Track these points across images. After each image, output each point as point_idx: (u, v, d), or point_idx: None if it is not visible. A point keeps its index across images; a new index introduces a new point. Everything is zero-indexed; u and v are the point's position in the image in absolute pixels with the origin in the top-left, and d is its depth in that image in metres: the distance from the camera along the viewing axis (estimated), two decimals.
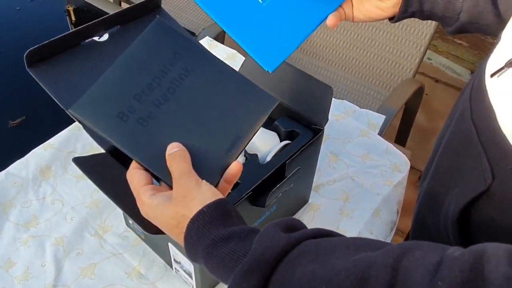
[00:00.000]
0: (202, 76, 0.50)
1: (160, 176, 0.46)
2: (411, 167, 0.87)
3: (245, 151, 0.66)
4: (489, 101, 0.45)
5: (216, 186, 0.46)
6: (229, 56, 1.07)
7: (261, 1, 0.54)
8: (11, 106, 0.93)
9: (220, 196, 0.43)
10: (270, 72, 0.53)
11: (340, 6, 0.57)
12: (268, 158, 0.65)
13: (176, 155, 0.45)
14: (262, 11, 0.54)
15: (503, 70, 0.43)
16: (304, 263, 0.37)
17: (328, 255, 0.36)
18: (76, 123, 0.89)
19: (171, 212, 0.42)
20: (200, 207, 0.41)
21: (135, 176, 0.46)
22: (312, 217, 0.77)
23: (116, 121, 0.47)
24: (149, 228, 0.49)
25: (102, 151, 0.60)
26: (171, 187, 0.45)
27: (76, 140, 0.85)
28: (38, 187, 0.79)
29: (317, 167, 0.76)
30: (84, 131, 0.62)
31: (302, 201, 0.78)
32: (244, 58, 0.77)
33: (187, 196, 0.42)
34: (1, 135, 0.88)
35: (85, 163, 0.58)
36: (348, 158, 0.86)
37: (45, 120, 0.91)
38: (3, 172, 0.79)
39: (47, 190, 0.79)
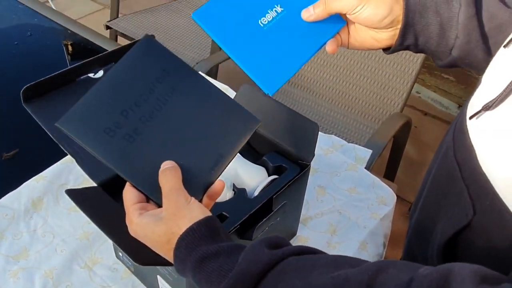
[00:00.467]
0: (188, 95, 0.52)
1: (146, 192, 0.48)
2: (401, 199, 0.90)
3: (234, 185, 0.68)
4: (470, 141, 0.48)
5: (199, 201, 0.48)
6: None
7: (262, 25, 0.56)
8: (5, 138, 0.94)
9: (209, 213, 0.45)
10: (270, 95, 0.56)
11: (338, 32, 0.60)
12: (256, 193, 0.66)
13: (167, 171, 0.47)
14: (263, 35, 0.55)
15: (480, 113, 0.46)
16: (286, 278, 0.39)
17: (309, 271, 0.39)
18: (68, 156, 0.91)
19: (161, 230, 0.44)
20: (189, 224, 0.43)
21: (127, 194, 0.48)
22: None
23: (103, 137, 0.48)
24: (139, 260, 0.50)
25: (94, 184, 0.62)
26: (159, 205, 0.47)
27: (68, 172, 0.87)
28: (29, 219, 0.80)
29: (305, 200, 0.78)
30: (76, 164, 0.64)
31: (290, 234, 0.80)
32: (235, 93, 0.80)
33: (177, 214, 0.44)
34: None
35: (77, 195, 0.59)
36: (335, 192, 0.88)
37: (38, 153, 0.92)
38: None
39: (38, 222, 0.79)
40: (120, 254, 0.73)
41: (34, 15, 1.29)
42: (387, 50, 0.61)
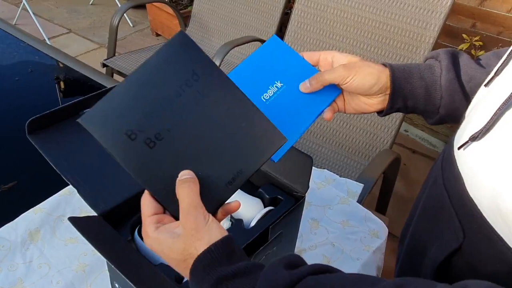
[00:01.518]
0: (216, 102, 0.49)
1: (165, 205, 0.46)
2: (391, 235, 0.91)
3: (231, 216, 0.69)
4: (458, 170, 0.52)
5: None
6: None
7: (264, 100, 0.62)
8: (4, 170, 0.95)
9: (226, 233, 0.46)
10: (275, 162, 0.59)
11: (334, 101, 0.66)
12: (253, 223, 0.68)
13: (186, 183, 0.46)
14: (265, 109, 0.56)
15: (467, 144, 0.50)
16: None
17: None
18: (67, 188, 0.92)
19: (178, 248, 0.44)
20: (207, 246, 0.43)
21: (145, 203, 0.47)
22: None
23: (124, 139, 0.45)
24: (139, 284, 0.51)
25: (94, 214, 0.63)
26: (176, 217, 0.46)
27: (66, 204, 0.88)
28: (25, 250, 0.80)
29: (299, 233, 0.80)
30: (73, 196, 0.65)
31: None
32: None
33: (195, 234, 0.44)
34: None
35: (80, 223, 0.60)
36: (328, 224, 0.90)
37: (36, 185, 0.93)
38: None
39: (35, 254, 0.80)
40: (116, 285, 0.74)
41: (35, 52, 1.33)
42: (380, 113, 0.68)
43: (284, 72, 0.64)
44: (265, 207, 0.72)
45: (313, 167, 0.95)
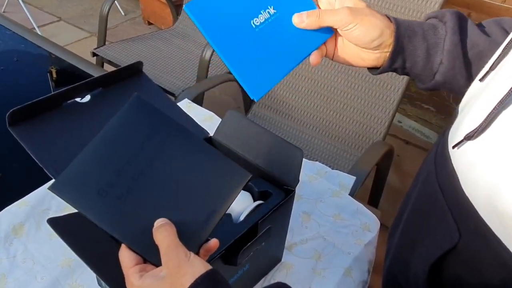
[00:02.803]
0: (178, 151, 0.53)
1: (143, 253, 0.47)
2: (384, 227, 0.90)
3: None
4: (452, 167, 0.50)
5: None
6: (207, 118, 1.11)
7: (254, 26, 0.55)
8: None
9: (209, 266, 0.45)
10: (256, 100, 0.56)
11: (324, 43, 0.60)
12: (242, 218, 0.67)
13: (162, 228, 0.47)
14: (254, 37, 0.55)
15: (462, 143, 0.48)
16: None
17: None
18: (52, 181, 0.90)
19: None
20: (192, 280, 0.43)
21: (124, 256, 0.47)
22: (285, 276, 0.78)
23: (96, 199, 0.48)
24: None
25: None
26: (157, 265, 0.46)
27: (51, 198, 0.86)
28: (9, 245, 0.78)
29: (290, 227, 0.78)
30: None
31: (275, 260, 0.79)
32: (220, 120, 0.81)
33: (179, 271, 0.44)
34: None
35: (59, 224, 0.59)
36: (320, 218, 0.89)
37: (20, 179, 0.91)
38: None
39: (19, 248, 0.78)
40: (103, 283, 0.72)
41: (21, 41, 1.29)
42: (373, 70, 0.63)
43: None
44: (254, 201, 0.70)
45: (305, 159, 0.93)
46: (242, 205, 0.69)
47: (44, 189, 0.87)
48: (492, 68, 0.50)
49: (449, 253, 0.51)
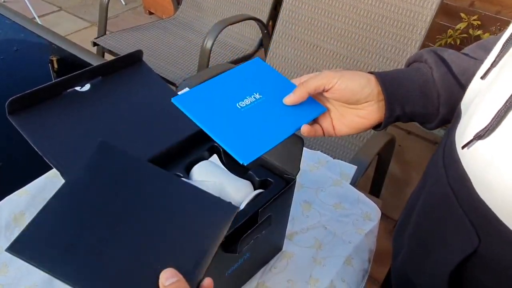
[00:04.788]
0: (156, 193, 0.49)
1: None
2: (385, 216, 0.90)
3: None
4: (463, 169, 0.48)
5: None
6: None
7: (239, 107, 0.58)
8: None
9: None
10: (245, 164, 0.53)
11: (318, 123, 0.62)
12: (242, 206, 0.66)
13: (175, 285, 0.43)
14: (240, 114, 0.57)
15: (472, 142, 0.46)
16: None
17: None
18: (53, 170, 0.90)
19: None
20: None
21: None
22: (285, 265, 0.78)
23: (64, 255, 0.42)
24: None
25: None
26: None
27: (52, 186, 0.85)
28: (10, 234, 0.78)
29: (290, 216, 0.78)
30: (61, 179, 0.63)
31: (276, 249, 0.79)
32: None
33: None
34: None
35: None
36: (321, 207, 0.88)
37: (21, 167, 0.91)
38: None
39: None
40: None
41: (21, 30, 1.29)
42: (378, 127, 0.62)
43: (264, 86, 0.61)
44: (255, 189, 0.70)
45: (305, 149, 0.93)
46: (242, 193, 0.68)
47: (44, 178, 0.87)
48: (493, 64, 0.48)
49: (470, 257, 0.49)
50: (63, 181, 0.62)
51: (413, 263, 0.63)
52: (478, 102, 0.49)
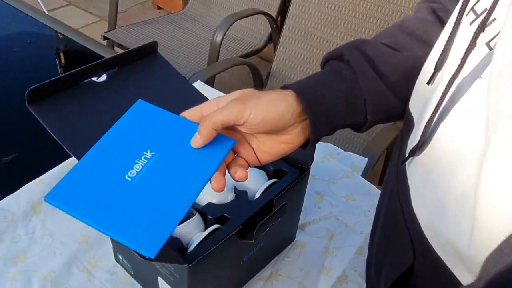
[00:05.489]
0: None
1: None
2: None
3: (235, 187, 0.69)
4: (407, 182, 0.45)
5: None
6: None
7: (130, 179, 0.46)
8: (4, 142, 0.94)
9: None
10: (153, 257, 0.42)
11: (239, 155, 0.51)
12: (257, 195, 0.67)
13: None
14: (132, 190, 0.45)
15: (408, 159, 0.44)
16: None
17: None
18: (69, 160, 0.91)
19: None
20: None
21: None
22: (298, 254, 0.79)
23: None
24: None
25: None
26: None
27: None
28: (28, 222, 0.80)
29: (303, 207, 0.79)
30: None
31: (289, 239, 0.80)
32: None
33: None
34: None
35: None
36: (332, 198, 0.89)
37: (37, 157, 0.93)
38: None
39: (37, 225, 0.79)
40: (120, 257, 0.74)
41: (34, 23, 1.30)
42: (305, 145, 0.53)
43: (155, 138, 0.49)
44: (269, 179, 0.71)
45: None
46: (257, 183, 0.70)
47: (60, 168, 0.88)
48: (437, 69, 0.43)
49: (407, 274, 0.46)
50: None
51: (370, 274, 0.61)
52: (420, 111, 0.45)
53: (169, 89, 0.78)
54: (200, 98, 0.78)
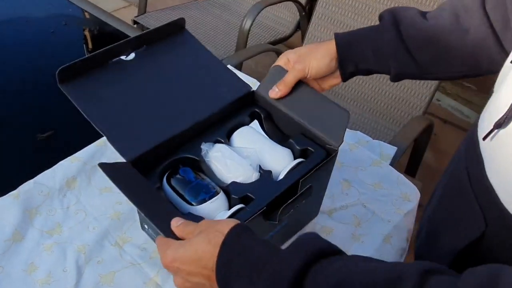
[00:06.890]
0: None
1: None
2: (419, 205, 0.89)
3: (260, 167, 0.68)
4: (480, 153, 0.48)
5: None
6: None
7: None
8: (41, 120, 0.97)
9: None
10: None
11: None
12: (282, 175, 0.67)
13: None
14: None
15: (492, 132, 0.46)
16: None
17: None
18: (102, 138, 0.93)
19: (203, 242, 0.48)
20: (228, 227, 0.46)
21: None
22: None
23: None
24: (166, 231, 0.53)
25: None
26: None
27: (101, 155, 0.89)
28: (63, 196, 0.82)
29: (330, 192, 0.79)
30: (108, 146, 0.66)
31: (311, 216, 0.80)
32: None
33: (212, 225, 0.48)
34: (31, 148, 0.93)
35: (110, 169, 0.61)
36: (360, 186, 0.89)
37: (72, 135, 0.95)
38: (32, 181, 0.83)
39: (72, 200, 0.82)
40: (146, 226, 0.75)
41: (68, 5, 1.33)
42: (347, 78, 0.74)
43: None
44: (295, 158, 0.70)
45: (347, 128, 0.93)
46: (282, 162, 0.69)
47: (94, 146, 0.91)
48: None
49: (476, 242, 0.49)
50: (111, 148, 0.65)
51: (425, 245, 0.63)
52: (502, 86, 0.48)
53: (197, 65, 0.78)
54: (229, 73, 0.78)
